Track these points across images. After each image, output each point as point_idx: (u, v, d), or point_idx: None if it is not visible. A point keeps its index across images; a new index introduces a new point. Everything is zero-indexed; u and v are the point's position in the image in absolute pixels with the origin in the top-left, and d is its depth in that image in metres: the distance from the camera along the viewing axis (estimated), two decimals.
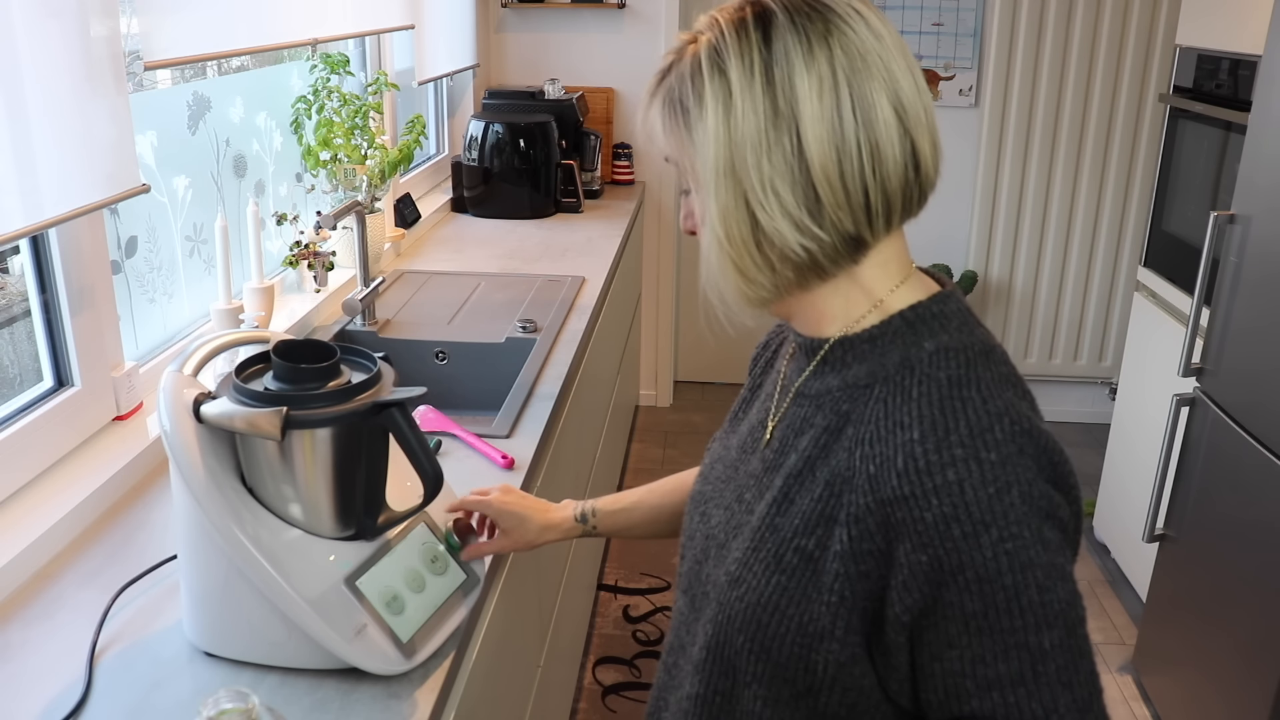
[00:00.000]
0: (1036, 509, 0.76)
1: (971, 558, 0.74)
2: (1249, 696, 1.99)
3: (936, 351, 0.79)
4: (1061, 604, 0.75)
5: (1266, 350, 1.97)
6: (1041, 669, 0.74)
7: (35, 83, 1.17)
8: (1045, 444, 0.79)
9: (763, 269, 0.78)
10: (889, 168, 0.78)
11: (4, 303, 1.38)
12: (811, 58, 0.74)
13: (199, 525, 1.02)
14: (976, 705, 0.75)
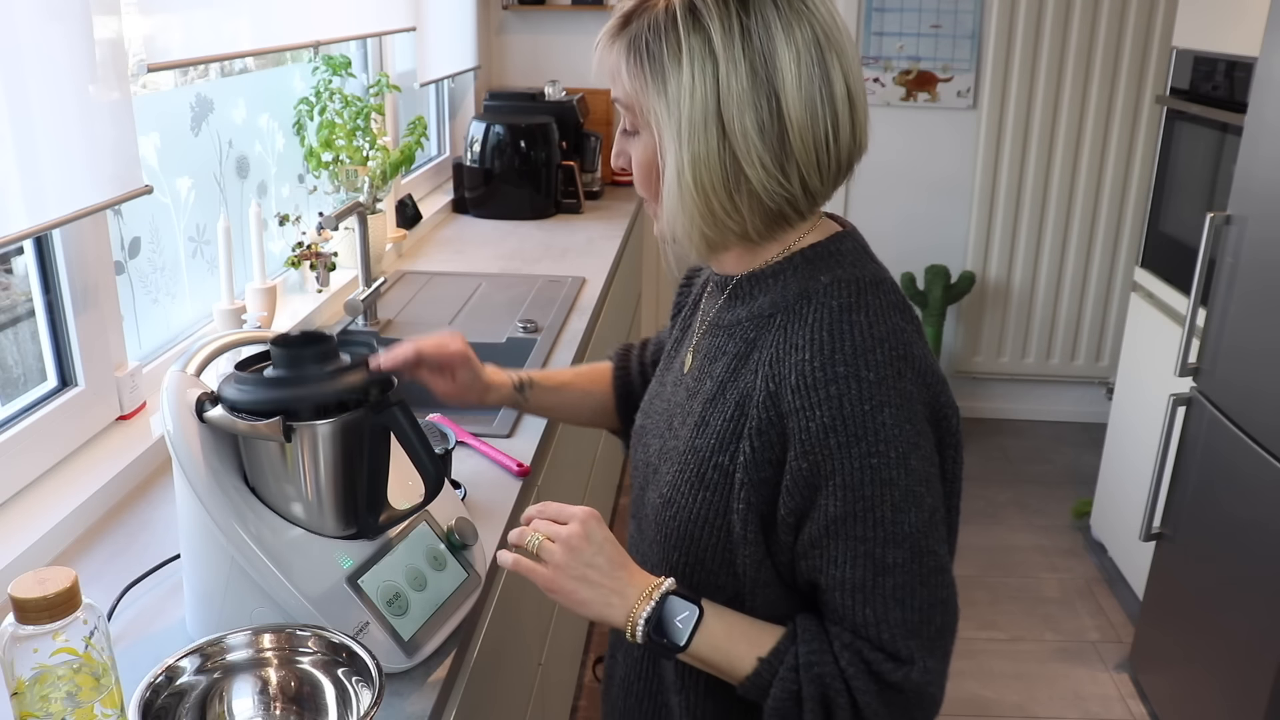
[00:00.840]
0: (905, 433, 0.82)
1: (841, 465, 0.81)
2: (1245, 694, 2.00)
3: (831, 283, 0.87)
4: (912, 527, 0.82)
5: (1262, 350, 1.98)
6: (880, 581, 0.82)
7: (39, 85, 1.18)
8: (923, 369, 0.85)
9: (732, 215, 0.86)
10: (843, 135, 0.85)
11: (8, 303, 1.39)
12: (791, 31, 0.82)
13: (202, 524, 1.03)
14: (825, 601, 0.86)
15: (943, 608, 0.85)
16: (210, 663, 0.94)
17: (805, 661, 0.85)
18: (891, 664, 0.83)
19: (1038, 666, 2.63)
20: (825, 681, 0.84)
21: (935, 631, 0.85)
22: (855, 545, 0.82)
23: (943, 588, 0.85)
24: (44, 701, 0.81)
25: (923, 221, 3.80)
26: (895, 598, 0.83)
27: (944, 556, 0.85)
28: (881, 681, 0.83)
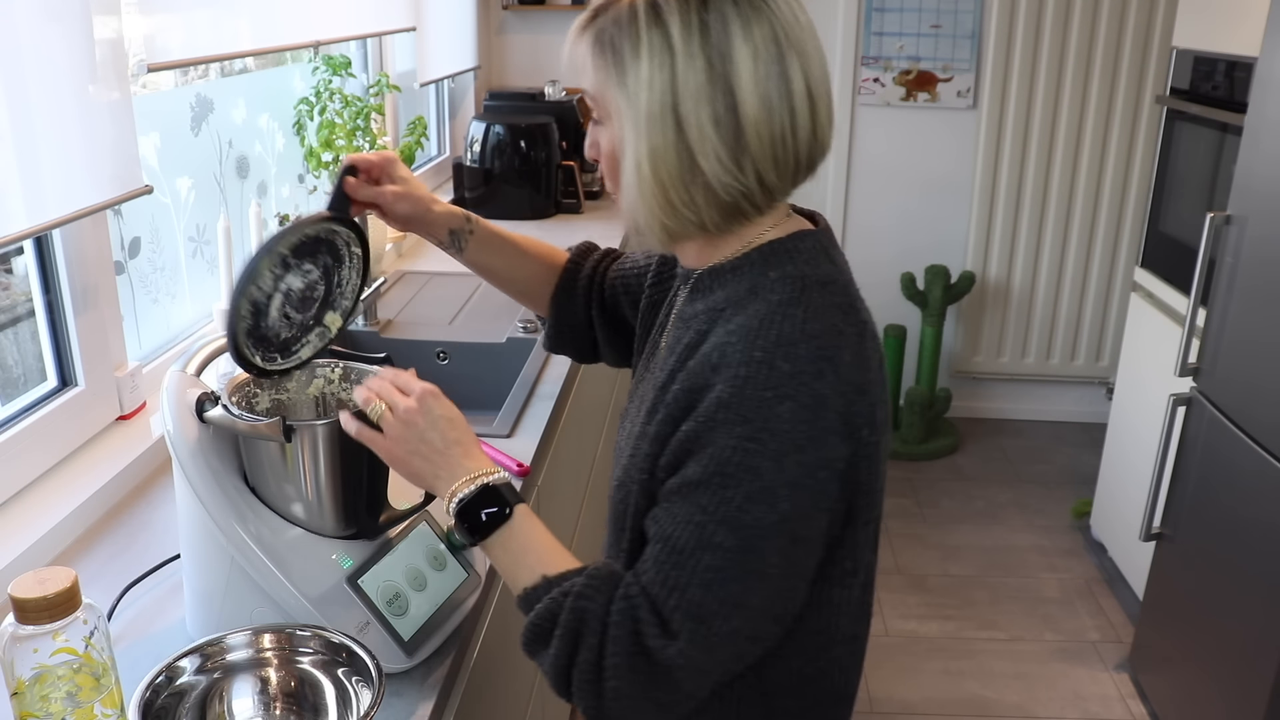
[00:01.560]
0: (797, 431, 0.80)
1: (716, 438, 0.81)
2: (1245, 694, 2.00)
3: (778, 278, 0.87)
4: (755, 521, 0.80)
5: (1262, 350, 1.98)
6: (698, 556, 0.81)
7: (39, 85, 1.18)
8: (848, 376, 0.83)
9: (689, 205, 0.87)
10: (801, 133, 0.86)
11: (8, 303, 1.39)
12: (748, 28, 0.83)
13: (202, 524, 1.03)
14: (646, 551, 0.85)
15: (742, 614, 0.82)
16: (210, 663, 0.95)
17: (578, 592, 0.84)
18: (657, 631, 0.81)
19: (1038, 666, 2.63)
20: (585, 618, 0.83)
21: (721, 631, 0.81)
22: (694, 512, 0.81)
23: (755, 595, 0.81)
24: (44, 701, 0.81)
25: (923, 221, 3.80)
26: (702, 578, 0.80)
27: (775, 567, 0.82)
28: (639, 643, 0.81)
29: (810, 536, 0.83)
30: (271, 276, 1.03)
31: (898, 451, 3.72)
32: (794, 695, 0.92)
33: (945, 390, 3.80)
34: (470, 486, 0.91)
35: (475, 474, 0.91)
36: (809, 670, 0.91)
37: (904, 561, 3.09)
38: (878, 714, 2.47)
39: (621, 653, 0.82)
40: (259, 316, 1.03)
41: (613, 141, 0.89)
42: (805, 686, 0.92)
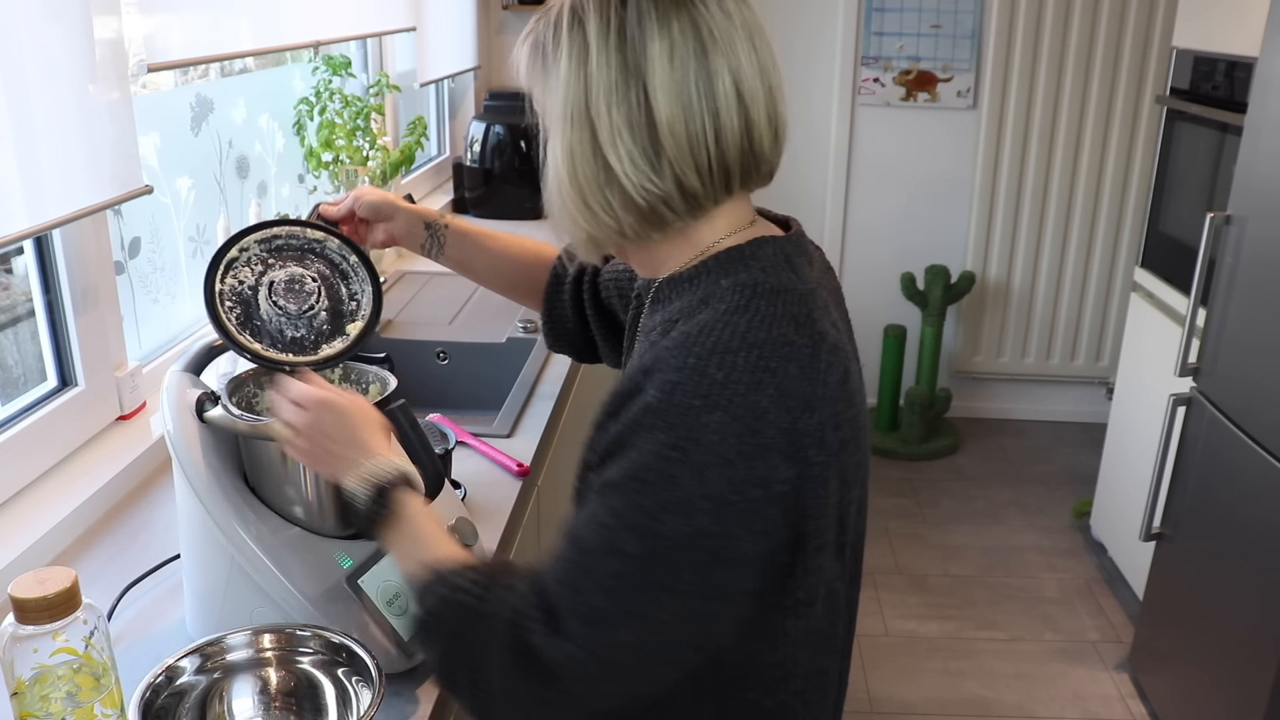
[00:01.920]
0: (725, 444, 0.74)
1: (639, 441, 0.76)
2: (1245, 694, 2.00)
3: (730, 286, 0.82)
4: (666, 532, 0.74)
5: (1262, 350, 1.98)
6: (602, 561, 0.76)
7: (39, 85, 1.18)
8: (791, 390, 0.77)
9: (606, 210, 0.84)
10: (727, 137, 0.82)
11: (8, 303, 1.39)
12: (664, 25, 0.80)
13: (202, 524, 1.03)
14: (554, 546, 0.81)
15: (644, 628, 0.76)
16: (210, 663, 0.95)
17: (467, 589, 0.82)
18: (547, 630, 0.76)
19: (1038, 666, 2.63)
20: (473, 616, 0.81)
21: (616, 641, 0.76)
22: (605, 514, 0.77)
23: (659, 610, 0.76)
24: (44, 701, 0.81)
25: (923, 221, 3.80)
26: (604, 583, 0.76)
27: (688, 584, 0.76)
28: (527, 641, 0.77)
29: (738, 559, 0.76)
30: (253, 273, 1.07)
31: (897, 451, 3.72)
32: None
33: (945, 390, 3.80)
34: (362, 486, 0.91)
35: (369, 475, 0.91)
36: (768, 704, 0.86)
37: (904, 561, 3.09)
38: (878, 714, 2.47)
39: (510, 650, 0.78)
40: (248, 306, 1.06)
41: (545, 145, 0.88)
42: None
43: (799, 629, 0.84)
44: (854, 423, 0.82)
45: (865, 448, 0.88)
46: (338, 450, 0.93)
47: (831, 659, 0.90)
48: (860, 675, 2.59)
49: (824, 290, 0.88)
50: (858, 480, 0.86)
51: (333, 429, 0.93)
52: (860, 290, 3.88)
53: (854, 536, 0.88)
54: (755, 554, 0.77)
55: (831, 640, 0.89)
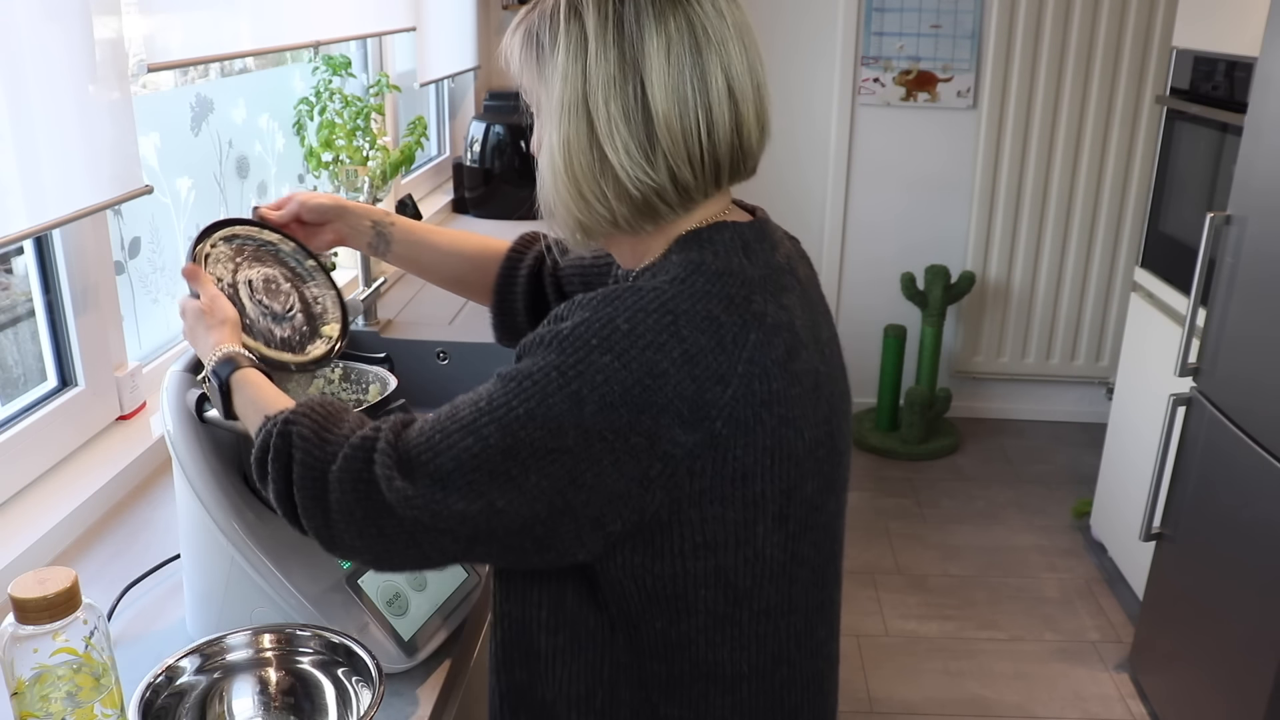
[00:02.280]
0: (610, 390, 0.78)
1: (536, 355, 0.81)
2: (1245, 694, 2.00)
3: (678, 263, 0.85)
4: (527, 439, 0.78)
5: (1262, 350, 1.98)
6: (463, 435, 0.80)
7: (39, 85, 1.18)
8: (697, 359, 0.79)
9: (600, 200, 0.86)
10: (719, 132, 0.85)
11: (8, 303, 1.39)
12: (661, 21, 0.83)
13: (202, 524, 1.03)
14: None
15: (482, 504, 0.79)
16: (210, 663, 0.95)
17: (286, 418, 0.86)
18: (390, 466, 0.81)
19: (1038, 666, 2.63)
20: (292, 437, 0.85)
21: (454, 507, 0.79)
22: (483, 398, 0.82)
23: (502, 498, 0.79)
24: (44, 701, 0.81)
25: (923, 221, 3.80)
26: (458, 454, 0.80)
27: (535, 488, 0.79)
28: (369, 470, 0.81)
29: (600, 488, 0.79)
30: (228, 272, 1.09)
31: (897, 451, 3.72)
32: (662, 660, 0.89)
33: (945, 390, 3.80)
34: (205, 371, 0.97)
35: (206, 361, 0.98)
36: (672, 634, 0.88)
37: (904, 561, 3.09)
38: (878, 714, 2.47)
39: (350, 471, 0.82)
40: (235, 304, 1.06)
41: (539, 135, 0.90)
42: (671, 652, 0.88)
43: (700, 569, 0.85)
44: (802, 401, 0.84)
45: (829, 424, 0.89)
46: (196, 345, 1.02)
47: (747, 613, 0.88)
48: (860, 675, 2.59)
49: (788, 275, 0.90)
50: (814, 457, 0.86)
51: (187, 329, 1.02)
52: (860, 290, 3.88)
53: (807, 511, 0.88)
54: (624, 492, 0.80)
55: (754, 597, 0.88)
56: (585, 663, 0.90)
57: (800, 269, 0.95)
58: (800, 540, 0.88)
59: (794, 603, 0.91)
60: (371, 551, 0.84)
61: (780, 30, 3.63)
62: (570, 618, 0.90)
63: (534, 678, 0.92)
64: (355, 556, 0.85)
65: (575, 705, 0.91)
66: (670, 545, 0.84)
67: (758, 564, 0.86)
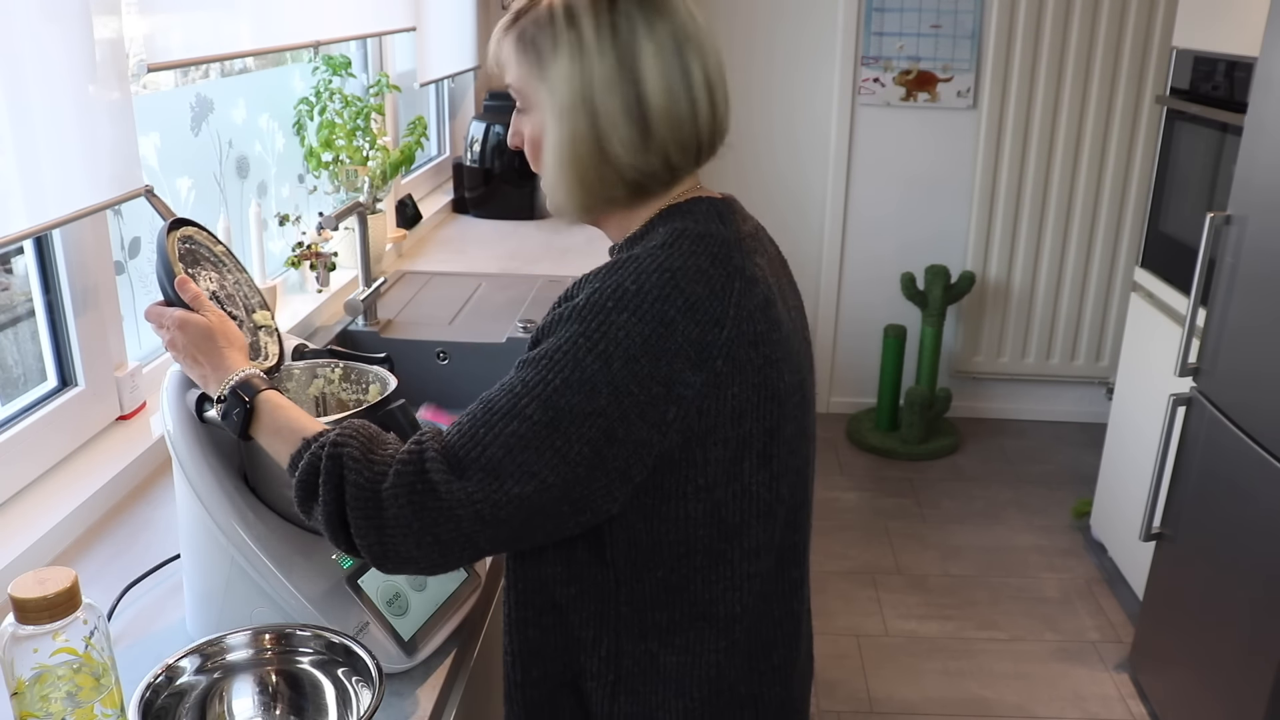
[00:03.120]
0: (630, 340, 0.87)
1: (558, 331, 0.89)
2: (1245, 694, 2.00)
3: (664, 231, 0.95)
4: (567, 406, 0.86)
5: (1262, 350, 1.98)
6: (506, 422, 0.86)
7: (39, 85, 1.18)
8: (699, 306, 0.89)
9: (601, 184, 0.97)
10: (702, 118, 0.97)
11: (8, 303, 1.39)
12: (652, 27, 0.94)
13: (202, 524, 1.03)
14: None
15: (535, 483, 0.85)
16: (210, 663, 0.95)
17: (333, 440, 0.88)
18: (444, 469, 0.85)
19: (1038, 666, 2.63)
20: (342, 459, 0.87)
21: (510, 492, 0.85)
22: (516, 384, 0.87)
23: (552, 472, 0.85)
24: (44, 701, 0.81)
25: (923, 221, 3.80)
26: (505, 441, 0.85)
27: (579, 455, 0.86)
28: (424, 477, 0.85)
29: (629, 441, 0.87)
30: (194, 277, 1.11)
31: (897, 451, 3.72)
32: (664, 608, 0.96)
33: (945, 390, 3.80)
34: (220, 391, 0.98)
35: (221, 382, 0.99)
36: (673, 579, 0.95)
37: (904, 561, 3.09)
38: (878, 714, 2.47)
39: (404, 484, 0.85)
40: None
41: (535, 129, 0.99)
42: (671, 597, 0.96)
43: (699, 511, 0.93)
44: (782, 345, 0.95)
45: (800, 374, 1.00)
46: (195, 364, 1.02)
47: (738, 551, 0.97)
48: (860, 675, 2.59)
49: (757, 242, 1.01)
50: (792, 400, 0.97)
51: (189, 346, 1.03)
52: (860, 290, 3.88)
53: (786, 453, 0.97)
54: (646, 440, 0.88)
55: (743, 534, 0.96)
56: (593, 611, 0.98)
57: (767, 244, 1.05)
58: (780, 481, 0.98)
59: (775, 540, 1.00)
60: (429, 559, 0.88)
61: (781, 30, 3.63)
62: (580, 570, 0.97)
63: (547, 630, 1.00)
64: (410, 567, 0.89)
65: (584, 649, 0.99)
66: (676, 487, 0.92)
67: (745, 499, 0.95)
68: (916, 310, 3.80)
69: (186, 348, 1.03)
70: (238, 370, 0.99)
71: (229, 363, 1.00)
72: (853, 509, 3.38)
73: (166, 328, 1.05)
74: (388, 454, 0.88)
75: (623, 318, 0.87)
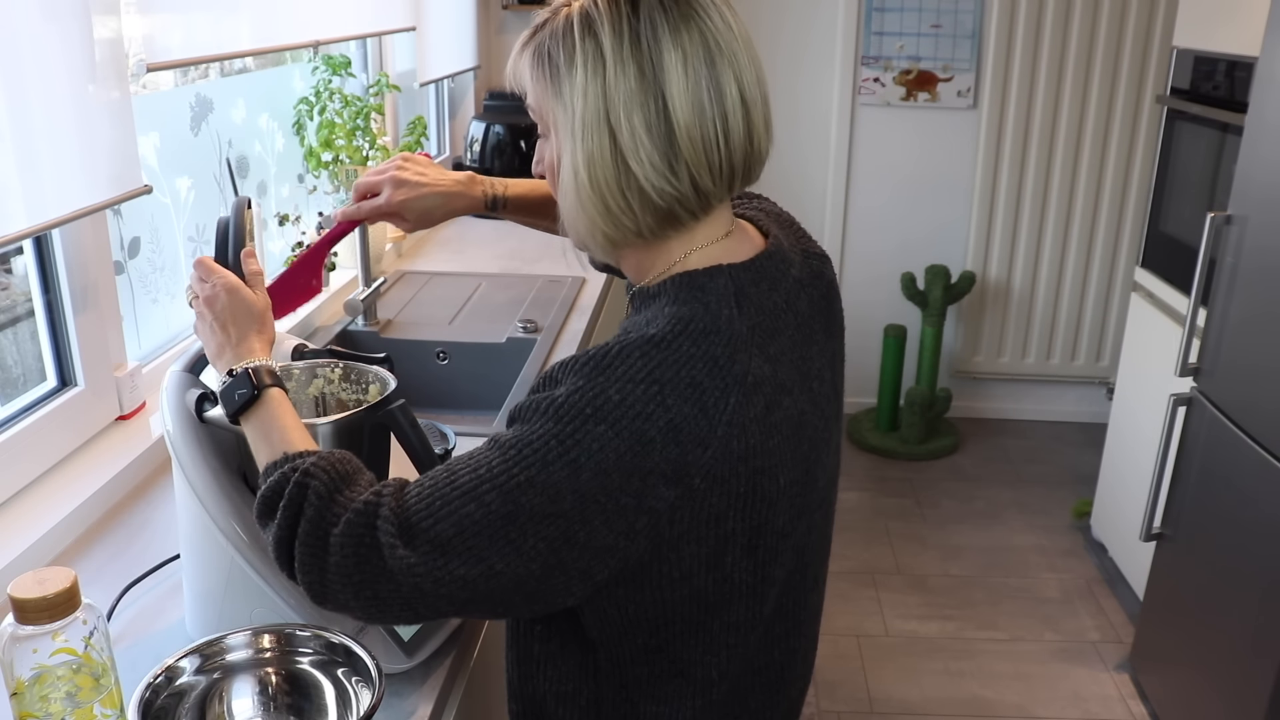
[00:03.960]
0: (605, 458, 0.81)
1: (534, 422, 0.83)
2: (1245, 694, 2.00)
3: (669, 317, 0.87)
4: (528, 504, 0.81)
5: (1263, 350, 1.98)
6: (464, 502, 0.81)
7: (39, 84, 1.18)
8: (680, 427, 0.82)
9: (626, 212, 0.88)
10: (735, 140, 0.88)
11: (8, 303, 1.39)
12: (677, 36, 0.85)
13: (201, 524, 1.03)
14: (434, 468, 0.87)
15: (483, 569, 0.81)
16: (210, 663, 0.95)
17: (306, 469, 0.86)
18: (393, 534, 0.82)
19: (1038, 667, 2.63)
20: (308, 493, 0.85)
21: (456, 572, 0.81)
22: (482, 465, 0.83)
23: (502, 561, 0.81)
24: (43, 702, 0.81)
25: (923, 221, 3.80)
26: (459, 521, 0.81)
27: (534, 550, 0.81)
28: (373, 536, 0.82)
29: (589, 546, 0.82)
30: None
31: (897, 451, 3.72)
32: (643, 665, 0.94)
33: (945, 390, 3.80)
34: (232, 366, 0.97)
35: (241, 360, 0.97)
36: (652, 643, 0.92)
37: (904, 561, 3.09)
38: (877, 714, 2.47)
39: (352, 536, 0.83)
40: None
41: (555, 153, 0.91)
42: (650, 656, 0.93)
43: (676, 595, 0.89)
44: (779, 449, 0.87)
45: (805, 465, 0.92)
46: (221, 335, 1.00)
47: (718, 623, 0.93)
48: (860, 675, 2.59)
49: (784, 315, 0.92)
50: (787, 496, 0.90)
51: (225, 311, 1.00)
52: (860, 290, 3.88)
53: (776, 540, 0.91)
54: (609, 546, 0.83)
55: (725, 610, 0.92)
56: (574, 664, 0.97)
57: (802, 301, 0.96)
58: (770, 565, 0.92)
59: (762, 617, 0.95)
60: (364, 610, 0.86)
61: (781, 30, 3.63)
62: (560, 627, 0.96)
63: (525, 677, 1.00)
64: (345, 612, 0.87)
65: (563, 701, 0.98)
66: (650, 581, 0.87)
67: (727, 585, 0.90)
68: (916, 310, 3.80)
69: (222, 312, 1.00)
70: (259, 356, 0.97)
71: (253, 345, 0.99)
72: (853, 509, 3.38)
73: (212, 284, 1.02)
74: (349, 496, 0.85)
75: (599, 429, 0.81)
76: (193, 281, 1.04)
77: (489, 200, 1.33)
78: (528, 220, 1.38)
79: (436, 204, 1.29)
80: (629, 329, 0.89)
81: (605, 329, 2.51)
